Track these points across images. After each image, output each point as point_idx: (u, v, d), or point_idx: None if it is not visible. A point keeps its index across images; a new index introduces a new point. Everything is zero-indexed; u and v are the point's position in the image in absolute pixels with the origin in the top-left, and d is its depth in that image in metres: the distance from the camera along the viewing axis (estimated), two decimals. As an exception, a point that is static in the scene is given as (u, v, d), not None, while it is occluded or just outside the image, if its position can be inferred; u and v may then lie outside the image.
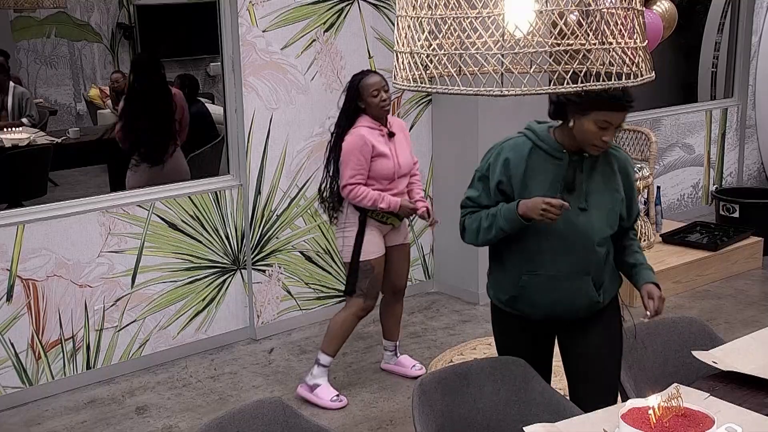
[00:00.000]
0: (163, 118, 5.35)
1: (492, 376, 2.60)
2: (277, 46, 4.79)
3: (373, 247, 4.04)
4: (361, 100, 3.95)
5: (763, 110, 7.47)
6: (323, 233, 5.12)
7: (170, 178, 5.00)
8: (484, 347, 4.68)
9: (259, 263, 4.91)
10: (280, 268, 4.99)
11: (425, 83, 2.00)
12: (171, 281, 4.65)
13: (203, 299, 4.78)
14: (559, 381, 3.03)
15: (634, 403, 2.22)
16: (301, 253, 5.07)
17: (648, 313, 2.58)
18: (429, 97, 5.42)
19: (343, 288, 4.23)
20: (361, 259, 4.00)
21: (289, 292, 5.05)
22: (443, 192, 5.52)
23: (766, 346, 2.69)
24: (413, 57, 1.99)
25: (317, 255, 5.13)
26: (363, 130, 3.95)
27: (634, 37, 2.01)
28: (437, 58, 1.96)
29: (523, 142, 2.72)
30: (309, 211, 5.04)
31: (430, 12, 1.95)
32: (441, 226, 5.52)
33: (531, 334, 2.78)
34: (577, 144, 2.61)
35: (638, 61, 2.03)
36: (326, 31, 4.96)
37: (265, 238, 4.91)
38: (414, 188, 4.22)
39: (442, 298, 5.54)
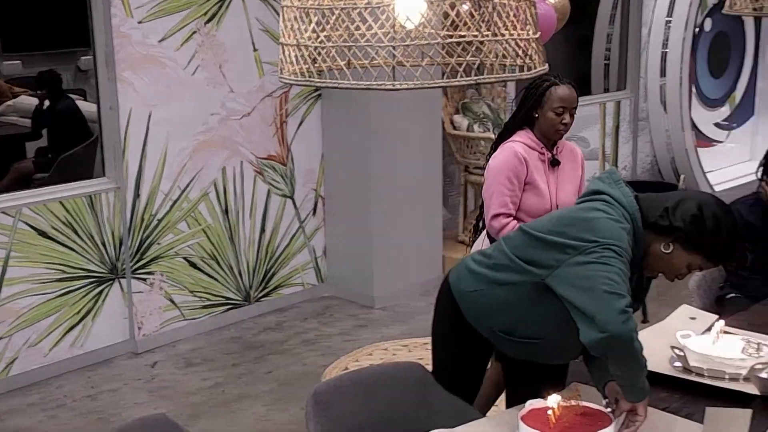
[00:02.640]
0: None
1: (390, 382, 2.53)
2: (154, 38, 4.57)
3: None
4: (539, 109, 3.20)
5: (653, 103, 7.68)
6: (208, 237, 4.93)
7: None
8: (381, 353, 4.60)
9: (139, 271, 4.68)
10: (162, 275, 4.77)
11: (314, 77, 1.93)
12: (41, 294, 4.37)
13: (78, 312, 4.51)
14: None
15: (533, 403, 2.22)
16: (185, 259, 4.86)
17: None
18: (318, 92, 5.30)
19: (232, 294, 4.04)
20: None
21: (172, 302, 4.83)
22: (336, 191, 5.42)
23: (658, 340, 2.69)
24: (300, 49, 1.92)
25: (203, 261, 4.93)
26: (518, 147, 3.20)
27: (527, 28, 2.00)
28: (325, 50, 1.90)
29: (631, 233, 2.30)
30: (192, 214, 4.84)
31: (317, 2, 1.88)
32: (334, 227, 5.45)
33: (472, 342, 2.65)
34: (654, 264, 2.35)
35: (531, 53, 2.02)
36: (207, 22, 4.77)
37: (146, 244, 4.68)
38: None
39: (337, 302, 5.43)
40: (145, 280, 4.70)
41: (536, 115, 3.19)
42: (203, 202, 4.88)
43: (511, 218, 3.16)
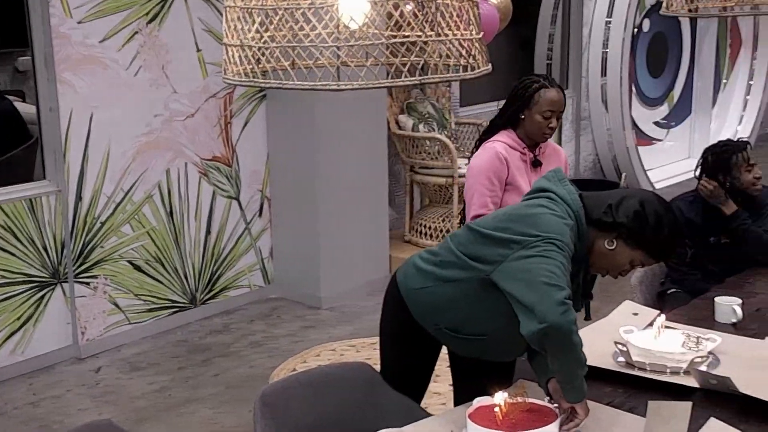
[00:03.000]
0: None
1: (338, 383, 2.53)
2: (95, 38, 4.49)
3: None
4: (526, 110, 3.19)
5: (595, 102, 7.79)
6: (153, 240, 4.87)
7: None
8: (329, 353, 4.59)
9: (82, 275, 4.60)
10: (106, 279, 4.70)
11: (258, 78, 1.92)
12: (-20, 299, 4.28)
13: (19, 317, 4.41)
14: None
15: (481, 401, 2.22)
16: (130, 262, 4.79)
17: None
18: (263, 92, 5.27)
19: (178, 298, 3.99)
20: None
21: (117, 305, 4.76)
22: (281, 192, 5.39)
23: (602, 336, 2.74)
24: (244, 50, 1.91)
25: (147, 264, 4.87)
26: (499, 147, 3.19)
27: (470, 28, 2.01)
28: (269, 50, 1.89)
29: (573, 228, 2.32)
30: (136, 217, 4.78)
31: (260, 2, 1.86)
32: (280, 228, 5.43)
33: (421, 341, 2.65)
34: (598, 261, 2.37)
35: (475, 53, 2.03)
36: (149, 22, 4.71)
37: (89, 247, 4.60)
38: None
39: (284, 303, 5.41)
40: (88, 284, 4.62)
41: (522, 117, 3.18)
42: (147, 205, 4.82)
43: None
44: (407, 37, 1.92)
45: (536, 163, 3.22)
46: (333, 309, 5.27)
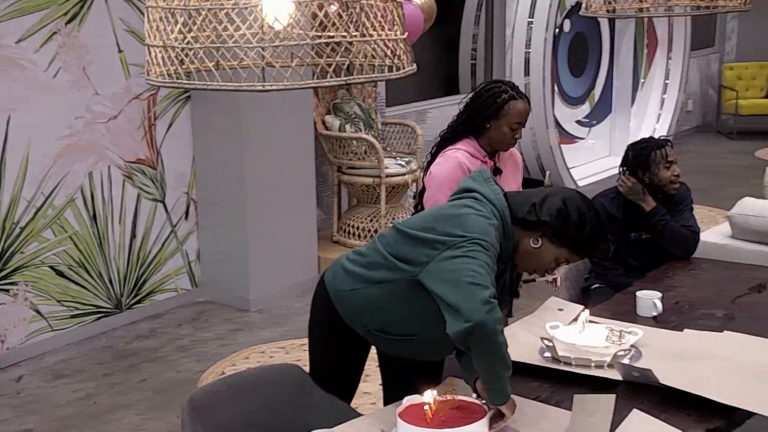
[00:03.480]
0: None
1: (267, 385, 2.51)
2: (11, 39, 4.37)
3: None
4: (493, 120, 3.12)
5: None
6: (76, 245, 4.76)
7: None
8: (258, 356, 4.56)
9: (1, 282, 4.47)
10: (27, 285, 4.58)
11: (182, 79, 1.89)
12: None
13: (-63, 327, 4.28)
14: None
15: (411, 399, 2.23)
16: (52, 267, 4.68)
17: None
18: (188, 94, 5.20)
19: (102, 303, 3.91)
20: None
21: (38, 312, 4.64)
22: (208, 194, 5.34)
23: (529, 332, 2.78)
24: (167, 51, 1.88)
25: (70, 269, 4.76)
26: (462, 157, 3.13)
27: (395, 29, 2.02)
28: (193, 51, 1.87)
29: (498, 228, 2.34)
30: (58, 221, 4.67)
31: (182, 2, 1.84)
32: (207, 230, 5.37)
33: (351, 341, 2.63)
34: (524, 260, 2.41)
35: (399, 53, 2.04)
36: (68, 22, 4.60)
37: (8, 253, 4.48)
38: None
39: (212, 307, 5.35)
40: (8, 291, 4.50)
41: (488, 126, 3.13)
42: (70, 209, 4.72)
43: None
44: (332, 37, 1.91)
45: (497, 171, 3.20)
46: (262, 311, 5.24)
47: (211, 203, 5.33)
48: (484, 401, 2.22)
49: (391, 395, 2.64)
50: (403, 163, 5.87)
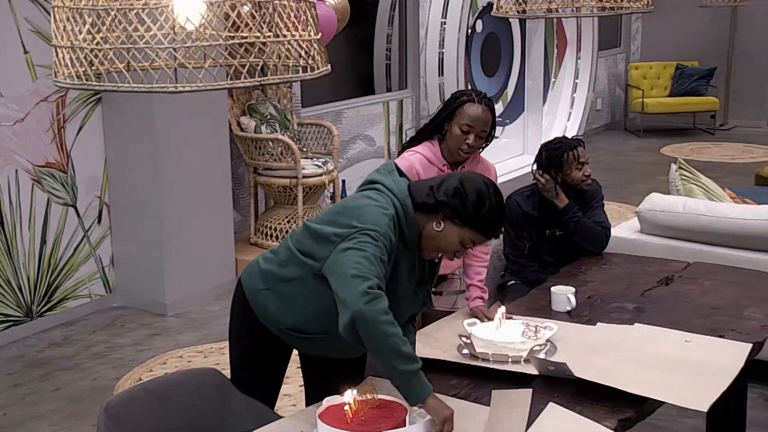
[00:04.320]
0: None
1: (186, 390, 2.48)
2: None
3: None
4: (449, 122, 3.07)
5: (434, 101, 7.96)
6: (-18, 252, 4.61)
7: None
8: (175, 361, 4.49)
9: None
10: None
11: (91, 80, 1.85)
12: None
13: None
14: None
15: (331, 400, 2.24)
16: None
17: None
18: (98, 96, 5.08)
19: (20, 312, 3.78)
20: None
21: (-56, 322, 4.48)
22: (121, 197, 5.23)
23: (447, 330, 2.81)
24: (75, 52, 1.84)
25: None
26: (416, 159, 3.06)
27: (308, 29, 2.02)
28: (102, 52, 1.83)
29: (393, 218, 2.34)
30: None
31: (90, 2, 1.80)
32: (121, 234, 5.26)
33: (273, 343, 2.62)
34: (429, 245, 2.39)
35: (314, 54, 2.04)
36: (-30, 25, 4.46)
37: None
38: (473, 265, 3.10)
39: (127, 312, 5.24)
40: None
41: (446, 129, 3.09)
42: (-26, 215, 4.57)
43: None
44: (245, 38, 1.90)
45: None
46: (179, 315, 5.16)
47: (124, 207, 5.22)
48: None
49: (313, 396, 2.64)
50: (319, 164, 5.86)
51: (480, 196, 2.35)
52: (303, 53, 1.97)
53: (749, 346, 2.65)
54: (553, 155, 3.69)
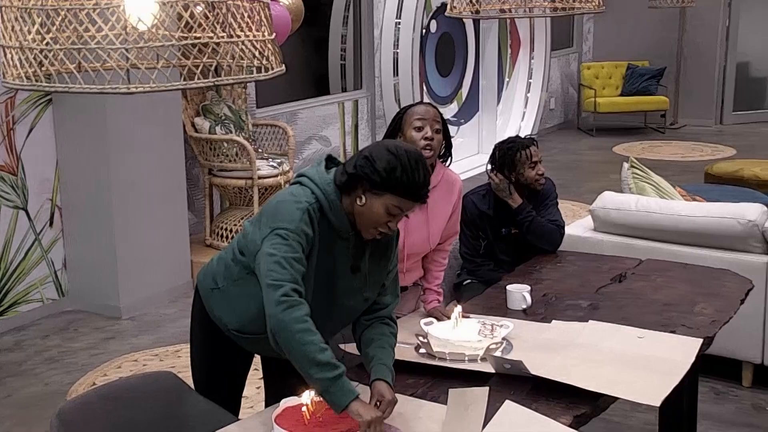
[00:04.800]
0: None
1: (142, 393, 2.46)
2: None
3: None
4: (400, 134, 3.02)
5: (389, 101, 7.98)
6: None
7: None
8: (131, 365, 4.44)
9: None
10: None
11: (41, 81, 1.82)
12: None
13: None
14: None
15: (288, 401, 2.24)
16: None
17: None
18: (49, 97, 5.00)
19: None
20: None
21: None
22: (74, 200, 5.15)
23: (404, 329, 2.81)
24: (24, 52, 1.81)
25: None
26: None
27: (262, 29, 2.01)
28: (53, 53, 1.80)
29: (316, 208, 2.31)
30: None
31: (39, 2, 1.77)
32: (74, 237, 5.19)
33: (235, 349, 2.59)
34: (362, 223, 2.33)
35: (268, 54, 2.04)
36: None
37: None
38: (433, 270, 3.14)
39: (81, 316, 5.17)
40: None
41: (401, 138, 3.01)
42: None
43: None
44: (199, 38, 1.89)
45: None
46: (134, 318, 5.10)
47: (77, 209, 5.15)
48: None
49: (272, 397, 2.64)
50: (275, 165, 5.84)
51: (389, 159, 2.25)
52: (257, 53, 1.97)
53: (700, 341, 2.70)
54: (506, 155, 3.71)
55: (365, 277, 2.42)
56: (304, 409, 2.15)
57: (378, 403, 2.20)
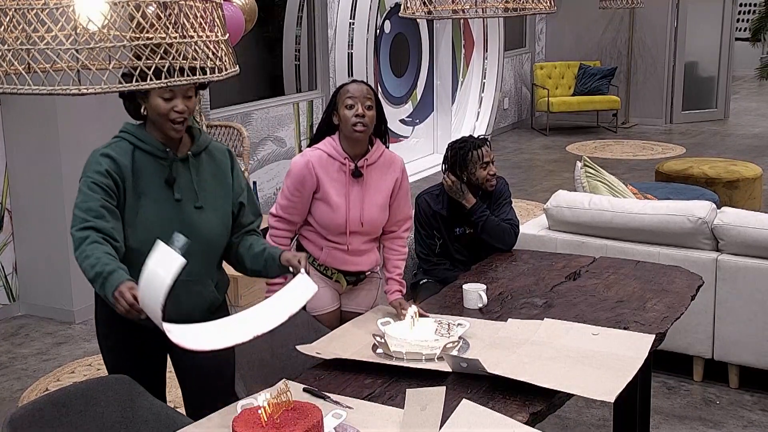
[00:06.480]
0: None
1: (95, 399, 2.43)
2: None
3: (318, 302, 3.08)
4: (335, 114, 3.07)
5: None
6: None
7: None
8: (84, 369, 4.38)
9: None
10: None
11: (-12, 82, 1.78)
12: None
13: None
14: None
15: (244, 403, 2.25)
16: None
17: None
18: (-4, 99, 4.92)
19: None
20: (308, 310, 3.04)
21: None
22: (24, 203, 5.07)
23: (361, 329, 2.82)
24: (-30, 53, 1.76)
25: None
26: (315, 156, 3.06)
27: (215, 30, 2.00)
28: (1, 54, 1.76)
29: (125, 145, 2.57)
30: None
31: (-14, 2, 1.74)
32: (25, 241, 5.10)
33: (142, 350, 2.61)
34: (157, 125, 2.55)
35: (221, 55, 2.03)
36: None
37: None
38: (392, 259, 3.22)
39: (32, 321, 5.09)
40: None
41: (337, 123, 3.09)
42: None
43: (281, 222, 3.12)
44: (151, 39, 1.87)
45: (357, 174, 3.08)
46: (87, 323, 5.03)
47: (27, 213, 5.06)
48: (323, 401, 2.24)
49: (191, 401, 2.71)
50: (229, 166, 5.79)
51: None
52: (210, 54, 1.95)
53: (652, 337, 2.74)
54: (458, 154, 3.74)
55: (195, 194, 2.55)
56: (261, 411, 2.15)
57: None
